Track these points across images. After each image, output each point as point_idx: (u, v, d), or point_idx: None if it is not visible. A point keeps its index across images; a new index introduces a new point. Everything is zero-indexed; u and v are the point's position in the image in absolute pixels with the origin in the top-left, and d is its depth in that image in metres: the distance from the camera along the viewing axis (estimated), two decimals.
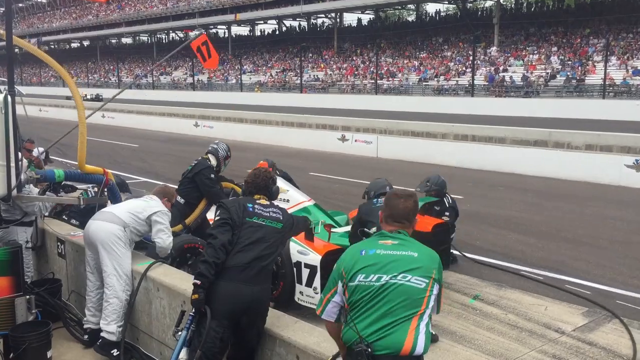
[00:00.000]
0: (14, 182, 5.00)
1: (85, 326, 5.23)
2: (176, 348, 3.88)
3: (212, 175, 6.99)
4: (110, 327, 4.88)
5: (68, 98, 30.24)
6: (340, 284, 2.90)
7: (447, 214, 7.40)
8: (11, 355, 4.80)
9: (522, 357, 5.15)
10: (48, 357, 4.90)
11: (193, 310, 3.82)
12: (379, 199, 6.28)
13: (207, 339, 3.69)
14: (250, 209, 3.98)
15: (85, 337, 5.20)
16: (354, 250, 2.96)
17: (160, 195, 5.39)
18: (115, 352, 4.84)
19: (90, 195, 6.81)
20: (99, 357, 4.93)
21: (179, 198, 6.65)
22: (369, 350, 2.72)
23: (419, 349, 2.74)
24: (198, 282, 3.73)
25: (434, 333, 4.29)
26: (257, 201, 4.10)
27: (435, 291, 2.83)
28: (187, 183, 6.99)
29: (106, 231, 4.97)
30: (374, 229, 5.59)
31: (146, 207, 5.16)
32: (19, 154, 5.17)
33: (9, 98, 4.90)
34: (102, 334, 4.92)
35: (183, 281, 4.61)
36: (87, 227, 5.14)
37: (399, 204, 3.03)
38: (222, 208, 4.01)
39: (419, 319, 2.75)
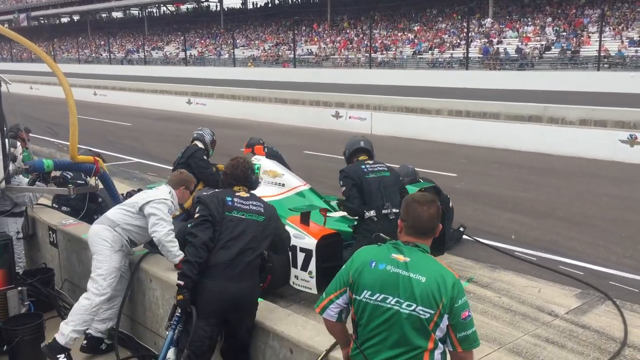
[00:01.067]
0: (1, 174, 4.94)
1: (87, 331, 4.88)
2: (163, 349, 3.86)
3: (205, 157, 7.03)
4: (65, 329, 4.51)
5: None
6: (348, 290, 2.71)
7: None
8: (5, 347, 4.80)
9: (515, 341, 5.18)
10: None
11: (179, 311, 3.77)
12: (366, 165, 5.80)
13: (194, 338, 3.67)
14: (230, 203, 3.86)
15: (84, 342, 4.89)
16: (365, 258, 2.71)
17: (175, 184, 4.90)
18: (62, 357, 4.49)
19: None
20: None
21: None
22: None
23: None
24: (181, 282, 3.69)
25: None
26: (237, 193, 3.97)
27: (442, 323, 2.54)
28: (182, 169, 6.97)
29: (93, 234, 4.69)
30: (371, 213, 5.50)
31: (139, 199, 4.71)
32: (7, 145, 5.10)
33: None
34: (56, 335, 4.57)
35: (176, 273, 4.57)
36: None
37: (423, 214, 2.67)
38: (201, 204, 3.89)
39: (430, 352, 2.55)
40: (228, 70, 44.24)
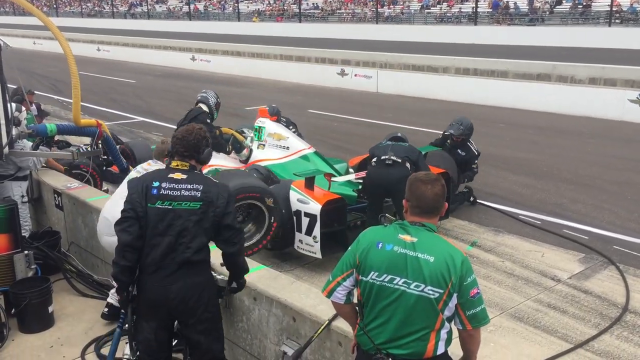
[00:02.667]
0: (5, 139, 4.92)
1: (109, 300, 5.00)
2: (112, 344, 3.91)
3: (208, 121, 6.92)
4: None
5: None
6: (354, 272, 2.69)
7: (476, 162, 7.56)
8: (12, 311, 4.88)
9: (517, 306, 5.22)
10: (50, 312, 4.98)
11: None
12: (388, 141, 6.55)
13: (140, 338, 3.48)
14: (155, 192, 3.31)
15: (105, 309, 5.01)
16: (372, 239, 2.68)
17: (158, 155, 4.67)
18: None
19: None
20: (100, 311, 5.01)
21: None
22: (390, 359, 2.58)
23: (441, 350, 2.59)
24: (115, 285, 3.42)
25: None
26: (170, 175, 3.38)
27: (451, 302, 2.53)
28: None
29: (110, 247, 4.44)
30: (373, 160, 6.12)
31: (124, 188, 4.32)
32: (10, 110, 5.06)
33: None
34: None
35: None
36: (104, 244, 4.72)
37: (426, 192, 2.62)
38: (127, 194, 3.41)
39: (437, 332, 2.55)
40: (233, 25, 43.60)
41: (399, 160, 5.97)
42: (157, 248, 3.30)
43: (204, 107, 6.98)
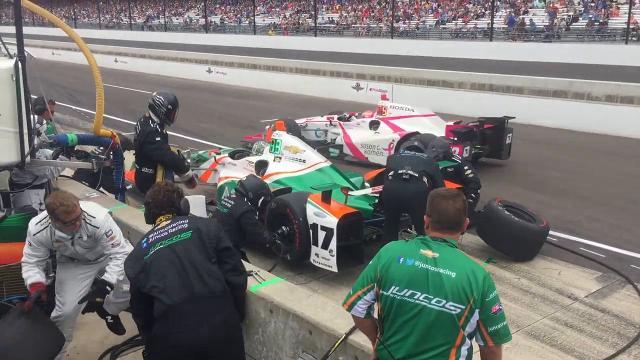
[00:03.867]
0: (27, 149, 5.00)
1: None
2: None
3: (158, 138, 6.29)
4: None
5: None
6: (375, 286, 2.69)
7: (467, 169, 7.25)
8: None
9: (533, 324, 5.18)
10: None
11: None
12: (405, 151, 6.46)
13: None
14: (144, 245, 3.33)
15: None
16: (393, 253, 2.68)
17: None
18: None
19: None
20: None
21: (145, 170, 6.32)
22: None
23: None
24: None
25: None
26: (156, 227, 3.45)
27: (473, 318, 2.52)
28: (139, 151, 6.43)
29: None
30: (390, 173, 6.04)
31: None
32: (32, 119, 5.15)
33: (19, 64, 4.82)
34: None
35: None
36: None
37: (448, 208, 2.63)
38: (127, 276, 3.42)
39: (457, 349, 2.54)
40: (248, 38, 43.98)
41: (416, 175, 5.95)
42: (171, 291, 3.19)
43: (152, 115, 6.33)
